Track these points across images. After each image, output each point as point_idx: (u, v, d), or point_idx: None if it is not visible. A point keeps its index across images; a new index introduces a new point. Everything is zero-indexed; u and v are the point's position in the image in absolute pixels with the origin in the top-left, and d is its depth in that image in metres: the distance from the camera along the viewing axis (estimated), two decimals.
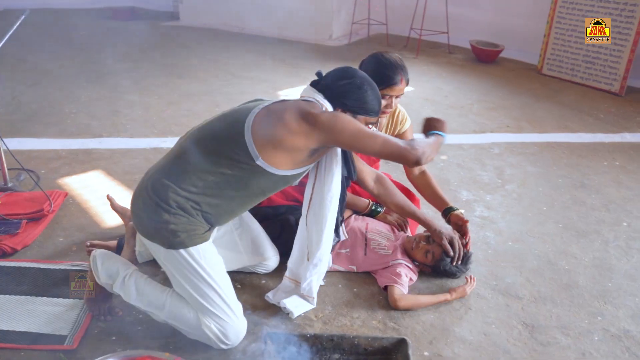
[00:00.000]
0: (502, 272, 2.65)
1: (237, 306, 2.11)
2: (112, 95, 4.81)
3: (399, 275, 2.45)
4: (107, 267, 2.20)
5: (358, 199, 2.79)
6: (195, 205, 2.01)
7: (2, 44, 3.05)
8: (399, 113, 2.82)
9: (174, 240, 2.01)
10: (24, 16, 3.23)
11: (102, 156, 3.67)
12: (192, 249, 2.02)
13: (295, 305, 2.31)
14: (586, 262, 2.75)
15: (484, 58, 5.91)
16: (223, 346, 2.09)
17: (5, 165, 3.16)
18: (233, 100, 4.73)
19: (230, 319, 2.06)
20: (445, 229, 2.57)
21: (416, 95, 4.98)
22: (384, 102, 2.56)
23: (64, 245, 2.74)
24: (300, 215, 2.72)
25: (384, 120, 2.81)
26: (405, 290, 2.43)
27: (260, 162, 1.98)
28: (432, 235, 2.55)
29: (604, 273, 2.68)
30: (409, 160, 2.07)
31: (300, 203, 2.77)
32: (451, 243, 2.53)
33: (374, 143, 2.03)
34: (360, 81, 2.13)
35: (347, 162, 2.30)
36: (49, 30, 6.95)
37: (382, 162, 3.11)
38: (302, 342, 2.00)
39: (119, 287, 2.17)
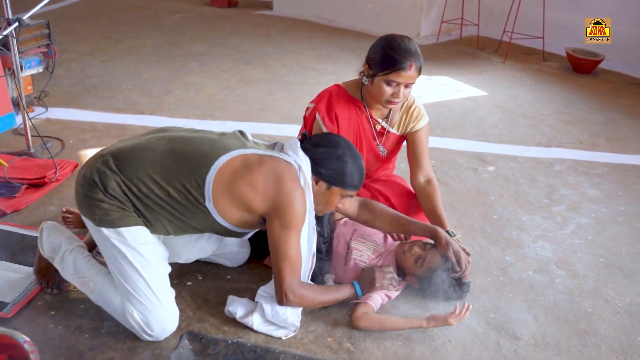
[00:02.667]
0: (506, 305, 2.24)
1: (166, 296, 1.92)
2: (173, 75, 4.81)
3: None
4: (51, 240, 2.10)
5: None
6: (133, 203, 1.89)
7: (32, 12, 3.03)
8: (414, 108, 2.48)
9: (104, 218, 1.87)
10: None
11: (134, 132, 3.63)
12: (122, 229, 1.86)
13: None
14: (618, 307, 2.27)
15: (580, 68, 5.28)
16: (147, 337, 1.92)
17: (29, 131, 3.20)
18: (290, 89, 4.57)
19: (155, 309, 1.88)
20: (455, 243, 2.20)
21: (487, 100, 4.53)
22: (390, 90, 2.26)
23: (53, 213, 2.69)
24: None
25: (396, 115, 2.49)
26: (375, 308, 2.11)
27: (209, 205, 1.88)
28: (439, 246, 2.19)
29: (638, 324, 2.18)
30: (276, 293, 1.98)
31: None
32: (457, 257, 2.17)
33: (283, 254, 1.92)
34: (341, 151, 2.02)
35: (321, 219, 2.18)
36: (145, 12, 7.18)
37: (397, 164, 2.78)
38: (220, 347, 1.76)
39: (59, 261, 2.06)
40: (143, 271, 1.88)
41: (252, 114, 4.01)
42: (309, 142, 2.06)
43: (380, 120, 2.48)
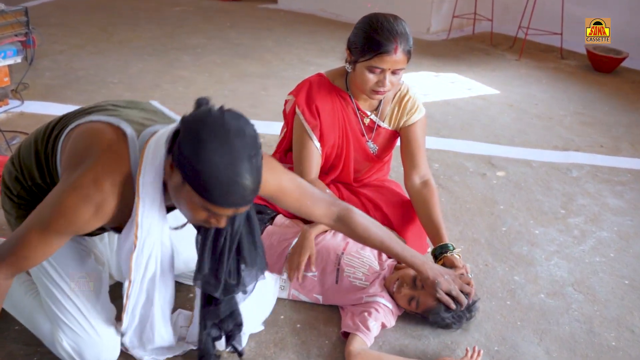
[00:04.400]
0: (514, 335, 1.91)
1: (102, 320, 1.62)
2: (164, 69, 4.52)
3: (365, 320, 1.81)
4: None
5: None
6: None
7: None
8: (408, 99, 2.16)
9: None
10: None
11: None
12: None
13: None
14: None
15: (601, 66, 4.92)
16: None
17: None
18: (285, 85, 4.24)
19: (87, 336, 1.58)
20: (442, 275, 1.85)
21: (499, 99, 4.18)
22: (374, 78, 1.95)
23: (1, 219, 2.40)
24: (265, 219, 2.18)
25: (387, 107, 2.17)
26: (369, 342, 1.79)
27: None
28: (425, 286, 1.87)
29: None
30: None
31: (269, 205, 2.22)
32: (449, 294, 1.84)
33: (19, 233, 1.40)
34: (210, 132, 1.26)
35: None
36: (147, 4, 6.90)
37: (393, 167, 2.46)
38: None
39: None
40: (71, 291, 1.58)
41: (241, 110, 3.66)
42: (194, 114, 1.33)
43: (369, 113, 2.16)
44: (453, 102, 4.05)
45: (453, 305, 1.84)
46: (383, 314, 1.86)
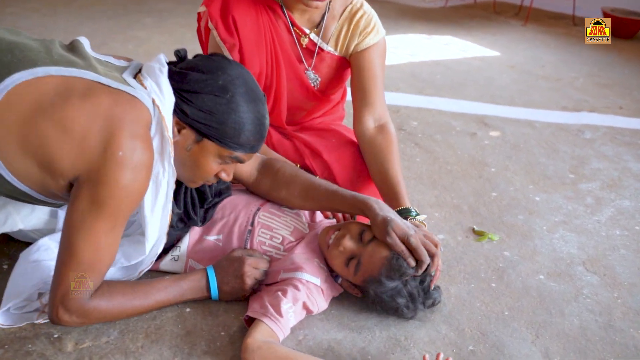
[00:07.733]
0: (498, 330, 1.34)
1: None
2: (120, 30, 4.00)
3: (278, 302, 1.24)
4: None
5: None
6: None
7: None
8: (361, 16, 1.58)
9: None
10: None
11: None
12: None
13: None
14: None
15: (619, 31, 4.30)
16: None
17: None
18: None
19: None
20: (400, 220, 1.30)
21: (500, 61, 3.59)
22: None
23: None
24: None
25: (333, 25, 1.59)
26: (281, 333, 1.22)
27: None
28: (373, 227, 1.31)
29: None
30: (49, 300, 1.17)
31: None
32: (406, 243, 1.26)
33: (75, 249, 1.12)
34: (225, 80, 1.19)
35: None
36: None
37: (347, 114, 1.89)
38: None
39: None
40: None
41: None
42: (185, 64, 1.23)
43: (307, 31, 1.59)
44: (444, 63, 3.46)
45: (412, 261, 1.25)
46: (306, 292, 1.29)
